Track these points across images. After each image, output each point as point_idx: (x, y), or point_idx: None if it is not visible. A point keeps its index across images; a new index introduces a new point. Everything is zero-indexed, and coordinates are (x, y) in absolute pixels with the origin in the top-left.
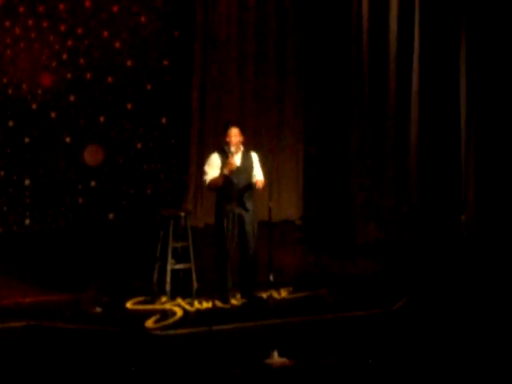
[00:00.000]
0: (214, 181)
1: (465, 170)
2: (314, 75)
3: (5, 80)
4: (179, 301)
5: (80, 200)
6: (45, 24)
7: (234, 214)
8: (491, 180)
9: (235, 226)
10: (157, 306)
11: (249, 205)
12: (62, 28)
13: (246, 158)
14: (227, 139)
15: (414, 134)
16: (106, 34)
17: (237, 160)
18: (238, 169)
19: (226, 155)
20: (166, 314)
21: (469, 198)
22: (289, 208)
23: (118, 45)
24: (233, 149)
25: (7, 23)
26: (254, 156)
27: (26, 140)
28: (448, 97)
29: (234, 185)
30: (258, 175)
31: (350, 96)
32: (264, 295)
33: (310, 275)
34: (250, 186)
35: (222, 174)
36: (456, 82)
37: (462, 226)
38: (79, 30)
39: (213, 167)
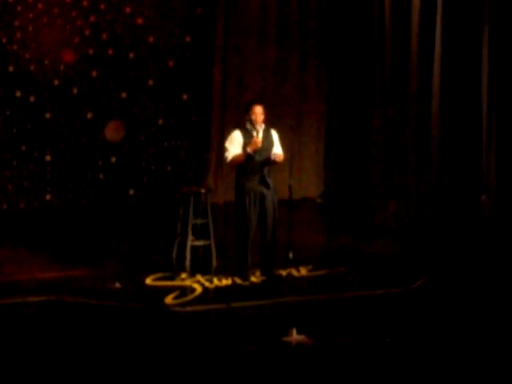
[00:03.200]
0: (235, 158)
1: (486, 150)
2: (336, 53)
3: (27, 56)
4: (199, 277)
5: (101, 176)
6: (67, 0)
7: (255, 192)
8: None
9: (257, 203)
10: (176, 283)
11: (270, 182)
12: (85, 4)
13: (267, 136)
14: (252, 117)
15: (435, 114)
16: (128, 9)
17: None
18: (260, 147)
19: (248, 133)
20: (185, 291)
21: (490, 178)
22: (309, 186)
23: (140, 21)
24: (258, 127)
25: None
26: (274, 134)
27: (48, 116)
28: (470, 77)
29: (255, 163)
30: (278, 152)
31: (371, 75)
32: (283, 273)
33: (330, 253)
34: (270, 163)
35: (245, 153)
36: (478, 62)
37: (483, 206)
38: (102, 6)
39: (234, 144)
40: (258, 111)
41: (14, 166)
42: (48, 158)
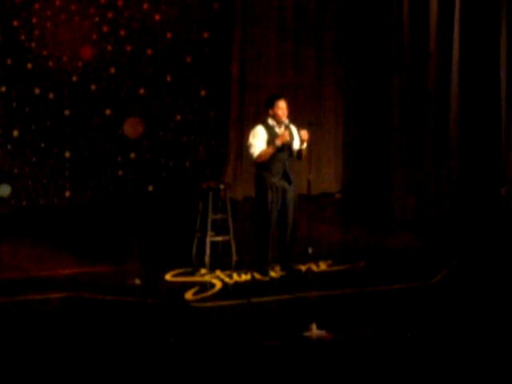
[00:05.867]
0: (264, 153)
1: (505, 143)
2: (354, 48)
3: (45, 53)
4: (218, 273)
5: (120, 172)
6: None
7: (277, 187)
8: None
9: (279, 198)
10: (196, 278)
11: (291, 177)
12: (102, 0)
13: (289, 131)
14: (278, 112)
15: (454, 108)
16: (146, 6)
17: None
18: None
19: (270, 128)
20: (205, 286)
21: (509, 170)
22: (328, 181)
23: (157, 17)
24: (286, 121)
25: None
26: (293, 128)
27: (67, 112)
28: (488, 69)
29: (279, 158)
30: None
31: (390, 69)
32: (303, 268)
33: (349, 248)
34: (291, 158)
35: (274, 146)
36: (496, 54)
37: (503, 199)
38: (119, 3)
39: (260, 140)
40: (284, 106)
41: (34, 163)
42: (67, 154)
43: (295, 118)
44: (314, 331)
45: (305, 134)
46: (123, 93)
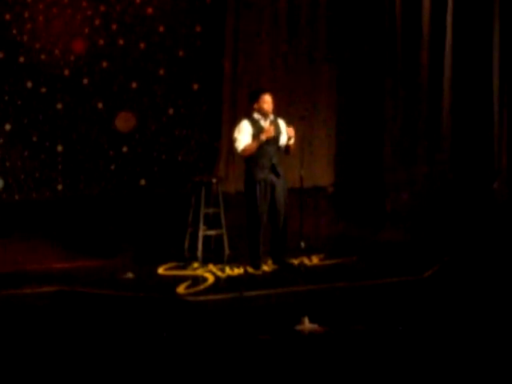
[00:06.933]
0: (249, 147)
1: (498, 137)
2: (347, 42)
3: (37, 46)
4: (211, 267)
5: (112, 166)
6: None
7: (265, 181)
8: None
9: (267, 192)
10: (188, 272)
11: (280, 171)
12: None
13: (276, 125)
14: (263, 106)
15: (446, 101)
16: None
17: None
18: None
19: (256, 122)
20: (197, 280)
21: (502, 165)
22: (320, 175)
23: (150, 11)
24: (272, 116)
25: None
26: (282, 123)
27: (59, 106)
28: (481, 64)
29: (266, 152)
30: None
31: (383, 64)
32: (295, 262)
33: (341, 242)
34: (279, 152)
35: (259, 140)
36: (489, 49)
37: (495, 193)
38: None
39: (244, 134)
40: (269, 100)
41: (26, 157)
42: (59, 148)
43: (288, 111)
44: (307, 325)
45: (291, 131)
46: (115, 87)
